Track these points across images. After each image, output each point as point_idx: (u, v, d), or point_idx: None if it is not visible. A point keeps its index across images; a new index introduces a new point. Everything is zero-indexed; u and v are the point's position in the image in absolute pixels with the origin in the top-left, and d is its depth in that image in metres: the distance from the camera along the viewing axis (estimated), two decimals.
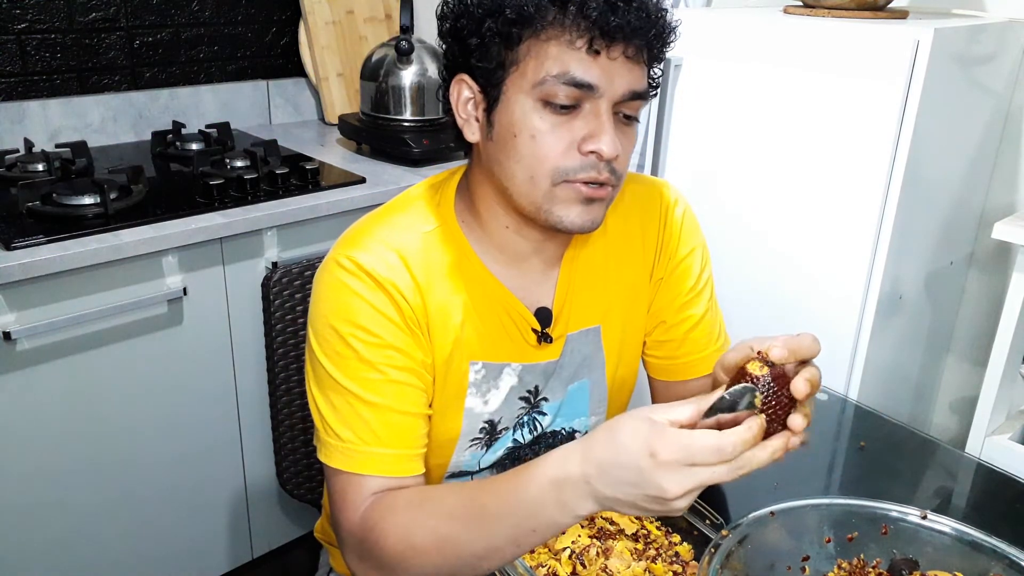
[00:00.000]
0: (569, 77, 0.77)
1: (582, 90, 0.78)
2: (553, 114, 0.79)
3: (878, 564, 0.84)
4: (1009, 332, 1.41)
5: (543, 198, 0.82)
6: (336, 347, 0.84)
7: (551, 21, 0.77)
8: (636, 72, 0.80)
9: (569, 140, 0.80)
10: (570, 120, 0.79)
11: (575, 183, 0.81)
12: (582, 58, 0.77)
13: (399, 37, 1.99)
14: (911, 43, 1.31)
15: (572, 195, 0.82)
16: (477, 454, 0.97)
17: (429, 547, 0.75)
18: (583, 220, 0.83)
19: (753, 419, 0.63)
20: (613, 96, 0.79)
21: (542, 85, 0.78)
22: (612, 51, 0.77)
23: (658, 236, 0.99)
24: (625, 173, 0.85)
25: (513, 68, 0.80)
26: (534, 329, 0.94)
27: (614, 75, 0.78)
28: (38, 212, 1.53)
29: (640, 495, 0.63)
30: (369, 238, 0.87)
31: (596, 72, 0.77)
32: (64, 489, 1.54)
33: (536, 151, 0.80)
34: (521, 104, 0.80)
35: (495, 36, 0.79)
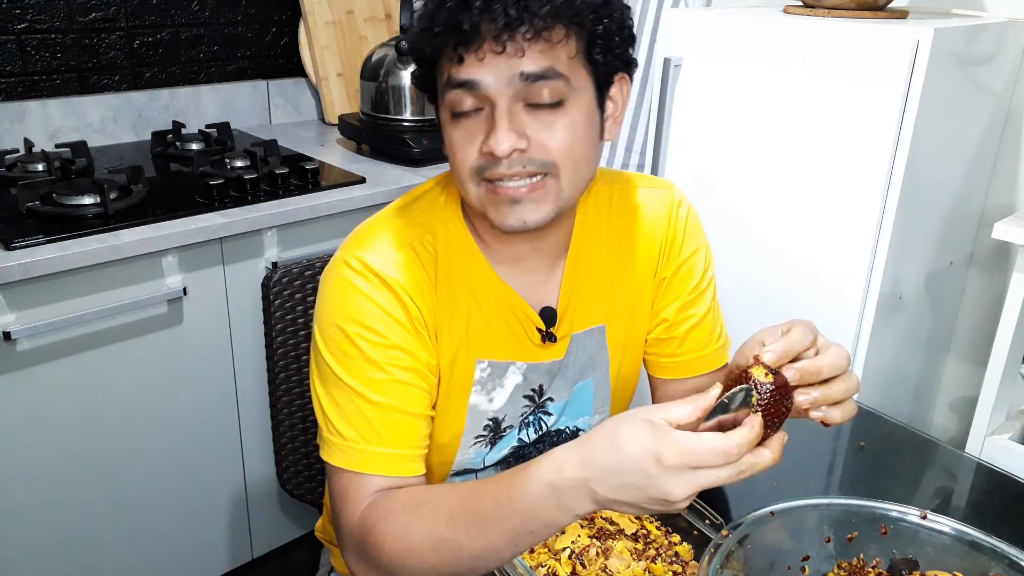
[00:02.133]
0: (451, 80, 0.79)
1: (467, 90, 0.78)
2: (458, 123, 0.81)
3: (878, 564, 0.84)
4: (1009, 332, 1.41)
5: (477, 201, 0.83)
6: (342, 346, 0.84)
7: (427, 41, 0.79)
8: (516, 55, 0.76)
9: (475, 144, 0.80)
10: (474, 124, 0.80)
11: (489, 182, 0.81)
12: (456, 66, 0.78)
13: (399, 37, 2.00)
14: (911, 43, 1.31)
15: (495, 197, 0.82)
16: (481, 452, 0.97)
17: (427, 549, 0.75)
18: (514, 219, 0.82)
19: (752, 418, 0.64)
20: (503, 90, 0.77)
21: (444, 96, 0.81)
22: (478, 53, 0.76)
23: (663, 236, 0.99)
24: (564, 162, 0.81)
25: (435, 86, 0.84)
26: (539, 328, 0.94)
27: (492, 70, 0.77)
28: (38, 212, 1.53)
29: (644, 497, 0.64)
30: (376, 238, 0.88)
31: (474, 70, 0.77)
32: (64, 489, 1.54)
33: (454, 160, 0.83)
34: (444, 119, 0.83)
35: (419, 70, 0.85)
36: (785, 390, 0.65)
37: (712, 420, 0.64)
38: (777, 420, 0.65)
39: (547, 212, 0.83)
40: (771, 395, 0.64)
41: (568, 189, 0.83)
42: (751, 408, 0.64)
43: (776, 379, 0.65)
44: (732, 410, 0.64)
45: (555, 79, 0.78)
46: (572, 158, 0.81)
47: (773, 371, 0.66)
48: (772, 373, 0.66)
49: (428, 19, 0.78)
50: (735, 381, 0.66)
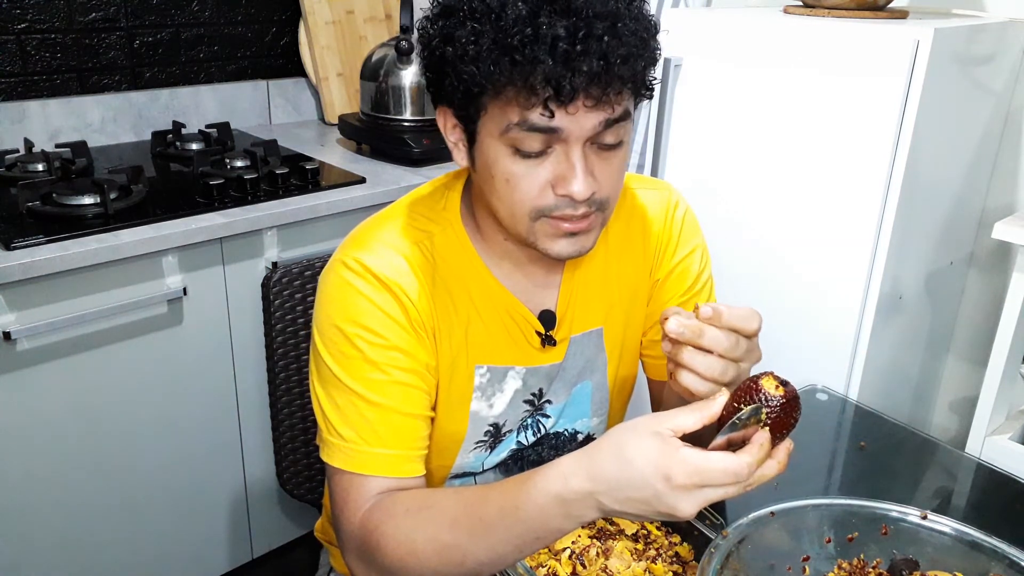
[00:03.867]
0: (530, 124, 0.75)
1: (546, 134, 0.75)
2: (523, 159, 0.77)
3: (878, 564, 0.84)
4: (1009, 332, 1.41)
5: (526, 232, 0.82)
6: (341, 347, 0.84)
7: (506, 83, 0.73)
8: (605, 109, 0.75)
9: (542, 182, 0.78)
10: (542, 162, 0.77)
11: (553, 219, 0.80)
12: (542, 111, 0.74)
13: (399, 37, 1.99)
14: (911, 43, 1.31)
15: (553, 230, 0.81)
16: (481, 456, 0.97)
17: (430, 554, 0.76)
18: (570, 251, 0.83)
19: (761, 434, 0.64)
20: (582, 135, 0.76)
21: (507, 132, 0.76)
22: (570, 107, 0.73)
23: (658, 237, 0.99)
24: (614, 196, 0.83)
25: (482, 113, 0.78)
26: (538, 332, 0.94)
27: (579, 119, 0.75)
28: (38, 212, 1.53)
29: (651, 511, 0.64)
30: (375, 240, 0.88)
31: (558, 119, 0.74)
32: (64, 489, 1.54)
33: (512, 194, 0.80)
34: (494, 148, 0.79)
35: (457, 89, 0.77)
36: (795, 402, 0.65)
37: (722, 438, 0.64)
38: (785, 432, 0.65)
39: (595, 240, 0.84)
40: (781, 408, 0.64)
41: (609, 217, 0.85)
42: (760, 423, 0.64)
43: (786, 392, 0.65)
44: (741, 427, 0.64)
45: (626, 121, 0.79)
46: (617, 192, 0.84)
47: (783, 382, 0.65)
48: (782, 385, 0.65)
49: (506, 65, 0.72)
50: (744, 391, 0.65)
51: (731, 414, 0.65)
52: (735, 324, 0.69)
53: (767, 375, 0.66)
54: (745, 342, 0.71)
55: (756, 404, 0.64)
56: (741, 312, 0.70)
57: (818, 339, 1.51)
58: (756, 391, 0.65)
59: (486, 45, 0.72)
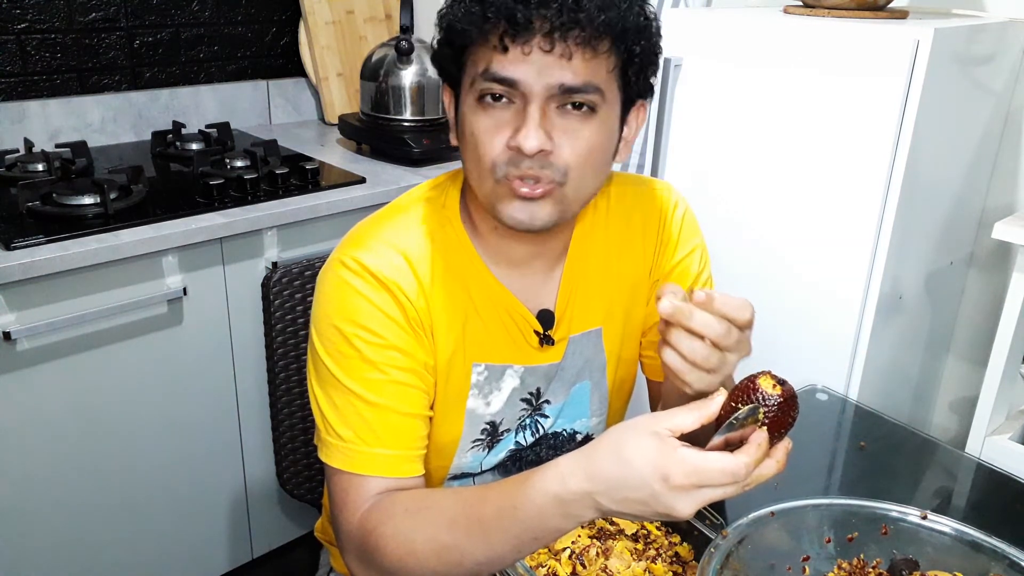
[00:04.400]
0: (489, 73, 0.77)
1: (504, 85, 0.77)
2: (486, 112, 0.79)
3: (878, 564, 0.84)
4: (1009, 332, 1.41)
5: (490, 195, 0.82)
6: (339, 347, 0.84)
7: (472, 23, 0.77)
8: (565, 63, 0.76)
9: (502, 137, 0.79)
10: (502, 116, 0.79)
11: (508, 181, 0.80)
12: (499, 56, 0.77)
13: (399, 37, 1.99)
14: (911, 43, 1.31)
15: (508, 192, 0.81)
16: (479, 456, 0.97)
17: (429, 554, 0.76)
18: (520, 216, 0.82)
19: (759, 434, 0.63)
20: (542, 92, 0.77)
21: (474, 85, 0.79)
22: (524, 46, 0.75)
23: (657, 237, 0.99)
24: (578, 169, 0.81)
25: (463, 73, 0.82)
26: (536, 331, 0.94)
27: (539, 71, 0.76)
28: (38, 212, 1.53)
29: (649, 511, 0.65)
30: (373, 239, 0.88)
31: (514, 66, 0.76)
32: (64, 489, 1.54)
33: (477, 148, 0.81)
34: (467, 106, 0.81)
35: (444, 48, 0.82)
36: (792, 401, 0.65)
37: (719, 438, 0.64)
38: (783, 431, 0.65)
39: (551, 214, 0.82)
40: (778, 408, 0.64)
41: (572, 198, 0.83)
42: (758, 422, 0.64)
43: (784, 391, 0.65)
44: (738, 427, 0.64)
45: (592, 93, 0.78)
46: (584, 169, 0.81)
47: (781, 381, 0.65)
48: (780, 384, 0.65)
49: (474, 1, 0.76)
50: (742, 390, 0.65)
51: (729, 414, 0.65)
52: (727, 312, 0.69)
53: (764, 374, 0.66)
54: (736, 332, 0.71)
55: (753, 404, 0.64)
56: (734, 301, 0.70)
57: (818, 339, 1.51)
58: (753, 391, 0.65)
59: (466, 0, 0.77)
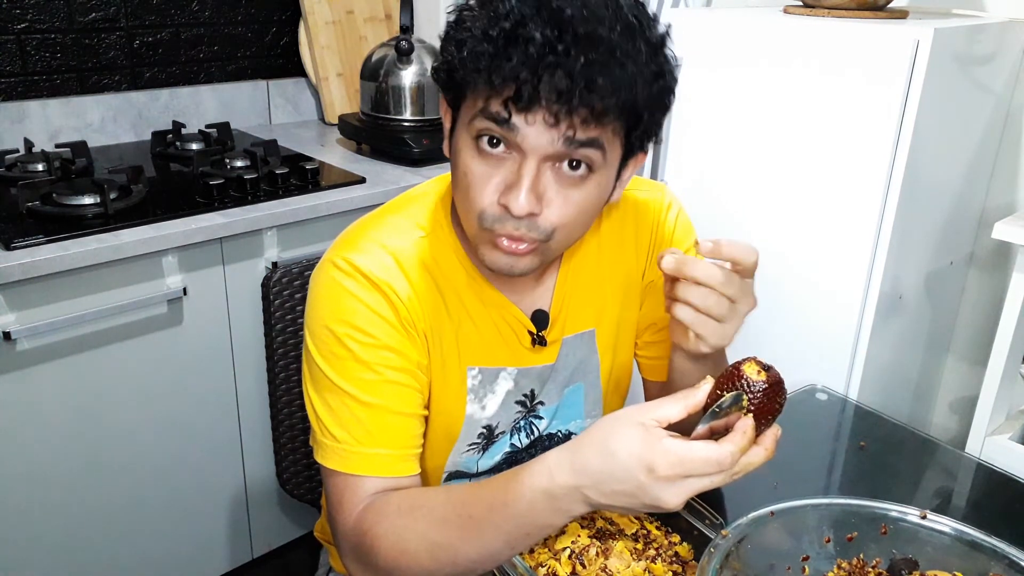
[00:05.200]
0: (489, 113, 0.74)
1: (503, 128, 0.74)
2: (483, 158, 0.76)
3: (878, 564, 0.84)
4: (1009, 332, 1.41)
5: (475, 236, 0.81)
6: (332, 348, 0.84)
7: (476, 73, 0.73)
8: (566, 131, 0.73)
9: (493, 187, 0.77)
10: (498, 167, 0.76)
11: (492, 234, 0.79)
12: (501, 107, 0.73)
13: (399, 37, 1.99)
14: (911, 43, 1.31)
15: (491, 241, 0.80)
16: (474, 458, 0.97)
17: (422, 553, 0.76)
18: (501, 264, 0.81)
19: (744, 421, 0.63)
20: (538, 152, 0.74)
21: (473, 121, 0.76)
22: (528, 116, 0.72)
23: (650, 239, 0.99)
24: (566, 229, 0.79)
25: (462, 100, 0.79)
26: (530, 332, 0.94)
27: (537, 133, 0.73)
28: (38, 212, 1.53)
29: (637, 503, 0.64)
30: (365, 240, 0.87)
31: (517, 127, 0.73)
32: (64, 489, 1.54)
33: (468, 191, 0.79)
34: (462, 138, 0.79)
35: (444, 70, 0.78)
36: (778, 387, 0.64)
37: (704, 427, 0.64)
38: (770, 417, 0.65)
39: (532, 264, 0.82)
40: (763, 394, 0.63)
41: (555, 250, 0.82)
42: (743, 409, 0.63)
43: (769, 376, 0.64)
44: (723, 414, 0.64)
45: (596, 149, 0.75)
46: (571, 229, 0.80)
47: (765, 367, 0.65)
48: (764, 370, 0.65)
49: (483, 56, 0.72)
50: (727, 378, 0.65)
51: (715, 402, 0.64)
52: (734, 255, 0.72)
53: (750, 360, 0.65)
54: (738, 280, 0.73)
55: (737, 391, 0.64)
56: (739, 244, 0.73)
57: (818, 339, 1.51)
58: (738, 377, 0.64)
59: (474, 32, 0.73)
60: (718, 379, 0.66)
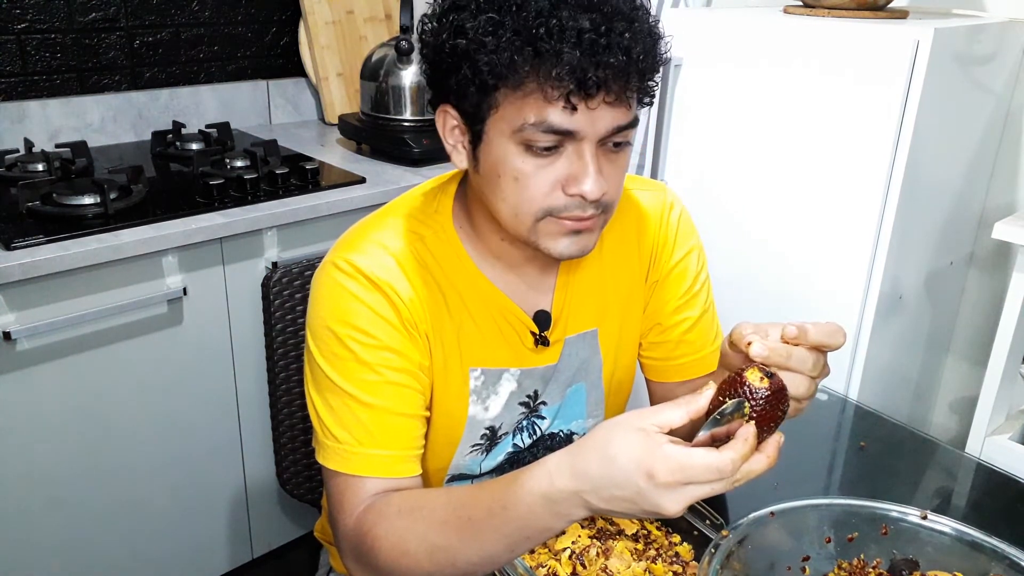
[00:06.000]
0: (547, 125, 0.75)
1: (562, 136, 0.76)
2: (535, 157, 0.77)
3: (878, 564, 0.84)
4: (1009, 332, 1.41)
5: (528, 232, 0.82)
6: (334, 349, 0.84)
7: (526, 75, 0.73)
8: (620, 109, 0.76)
9: (552, 181, 0.78)
10: (553, 161, 0.77)
11: (560, 219, 0.80)
12: (561, 110, 0.74)
13: (399, 37, 1.99)
14: (911, 43, 1.31)
15: (557, 229, 0.81)
16: (477, 459, 0.97)
17: (422, 555, 0.76)
18: (572, 250, 0.83)
19: (746, 429, 0.62)
20: (596, 136, 0.77)
21: (521, 131, 0.76)
22: (591, 102, 0.74)
23: (653, 239, 0.99)
24: (617, 198, 0.84)
25: (493, 111, 0.77)
26: (532, 332, 0.94)
27: (595, 119, 0.76)
28: (38, 212, 1.53)
29: (636, 509, 0.64)
30: (366, 241, 0.87)
31: (576, 120, 0.75)
32: (64, 489, 1.54)
33: (520, 192, 0.79)
34: (503, 147, 0.78)
35: (470, 83, 0.76)
36: (781, 394, 0.64)
37: (705, 434, 0.63)
38: (773, 424, 0.64)
39: (596, 240, 0.85)
40: (766, 401, 0.63)
41: (610, 219, 0.86)
42: (744, 416, 0.63)
43: (771, 383, 0.63)
44: (725, 421, 0.63)
45: (634, 127, 0.80)
46: (620, 193, 0.85)
47: (768, 374, 0.64)
48: (767, 377, 0.64)
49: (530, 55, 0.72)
50: (729, 384, 0.64)
51: (716, 407, 0.64)
52: (822, 341, 0.70)
53: (752, 367, 0.65)
54: (823, 357, 0.71)
55: (740, 398, 0.63)
56: (827, 328, 0.71)
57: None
58: (740, 384, 0.63)
59: (507, 36, 0.72)
60: (720, 385, 0.65)
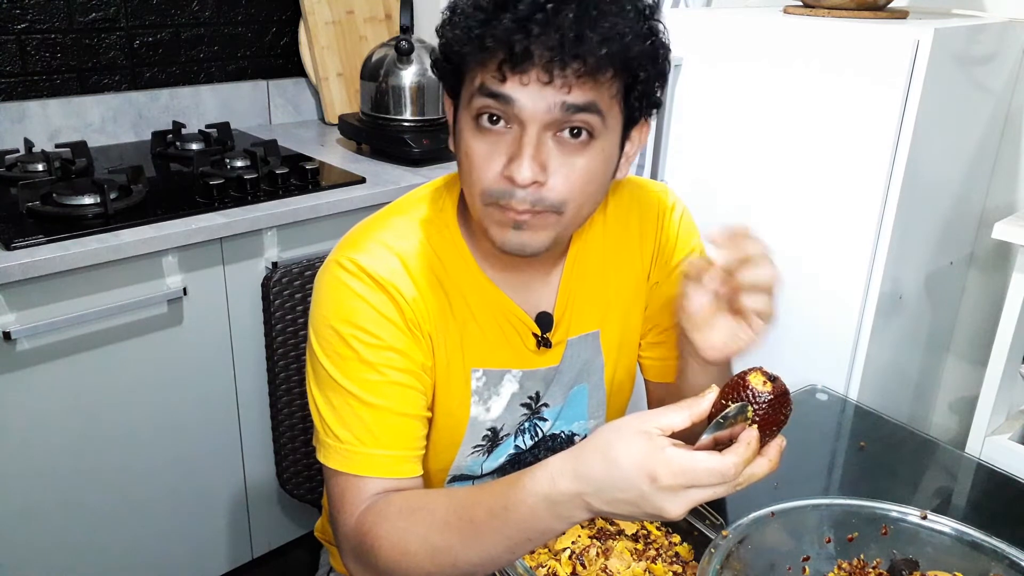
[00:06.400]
0: (485, 88, 0.76)
1: (501, 103, 0.75)
2: (483, 134, 0.78)
3: (878, 564, 0.84)
4: (1009, 332, 1.41)
5: (482, 217, 0.82)
6: (337, 348, 0.84)
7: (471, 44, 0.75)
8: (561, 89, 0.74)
9: (496, 163, 0.78)
10: (499, 141, 0.77)
11: (500, 207, 0.79)
12: (492, 75, 0.75)
13: (399, 37, 1.99)
14: (911, 43, 1.31)
15: (500, 217, 0.80)
16: (479, 460, 0.97)
17: (423, 555, 0.76)
18: (513, 243, 0.81)
19: (748, 433, 0.62)
20: (539, 119, 0.75)
21: (472, 101, 0.78)
22: (523, 76, 0.73)
23: (654, 240, 0.99)
24: (575, 201, 0.80)
25: (462, 87, 0.81)
26: (534, 334, 0.94)
27: (534, 96, 0.74)
28: (38, 212, 1.53)
29: (639, 512, 0.64)
30: (370, 240, 0.87)
31: (510, 87, 0.74)
32: (64, 489, 1.54)
33: (471, 170, 0.80)
34: (463, 121, 0.80)
35: (443, 61, 0.81)
36: (784, 398, 0.63)
37: (708, 437, 0.63)
38: (775, 428, 0.64)
39: (545, 241, 0.82)
40: (769, 405, 0.63)
41: (568, 225, 0.82)
42: (747, 420, 0.63)
43: (774, 387, 0.63)
44: (728, 425, 0.63)
45: (594, 113, 0.76)
46: (580, 199, 0.80)
47: (771, 377, 0.64)
48: (770, 380, 0.64)
49: (475, 25, 0.74)
50: (732, 387, 0.64)
51: (719, 411, 0.64)
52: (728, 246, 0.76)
53: (755, 370, 0.65)
54: None
55: (743, 402, 0.63)
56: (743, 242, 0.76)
57: (818, 339, 1.51)
58: (743, 388, 0.63)
59: (468, 10, 0.75)
60: (723, 389, 0.65)
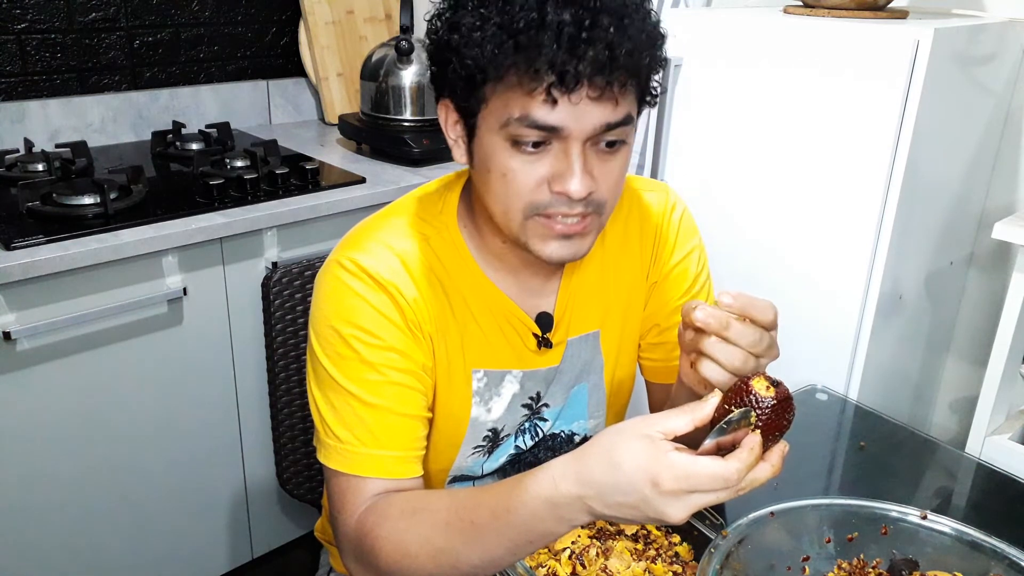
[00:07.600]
0: (531, 120, 0.75)
1: (546, 131, 0.75)
2: (522, 153, 0.77)
3: (878, 564, 0.84)
4: (1009, 332, 1.41)
5: (518, 230, 0.82)
6: (337, 348, 0.84)
7: (509, 68, 0.74)
8: (607, 106, 0.75)
9: (539, 177, 0.78)
10: (540, 157, 0.77)
11: (546, 218, 0.80)
12: (541, 103, 0.74)
13: (399, 37, 1.99)
14: (911, 43, 1.31)
15: (545, 230, 0.80)
16: (479, 460, 0.97)
17: (424, 556, 0.76)
18: (562, 253, 0.82)
19: (751, 438, 0.62)
20: (583, 134, 0.76)
21: (507, 127, 0.76)
22: (573, 96, 0.73)
23: (654, 239, 0.99)
24: (612, 200, 0.82)
25: (483, 105, 0.78)
26: (535, 334, 0.94)
27: (580, 115, 0.75)
28: (38, 212, 1.53)
29: (640, 515, 0.64)
30: (371, 240, 0.87)
31: (559, 115, 0.74)
32: (64, 489, 1.54)
33: (507, 189, 0.79)
34: (492, 142, 0.79)
35: (460, 77, 0.77)
36: (787, 403, 0.64)
37: (711, 442, 0.63)
38: (778, 433, 0.64)
39: (590, 245, 0.84)
40: (772, 410, 0.63)
41: (605, 223, 0.85)
42: (751, 425, 0.63)
43: (778, 392, 0.64)
44: (731, 430, 0.63)
45: (628, 125, 0.79)
46: (615, 199, 0.83)
47: (774, 383, 0.64)
48: (773, 385, 0.64)
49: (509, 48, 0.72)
50: (735, 392, 0.64)
51: (722, 416, 0.64)
52: (751, 314, 0.70)
53: (758, 376, 0.65)
54: (767, 337, 0.71)
55: (746, 407, 0.63)
56: (758, 303, 0.71)
57: (818, 339, 1.51)
58: (747, 393, 0.63)
59: (491, 30, 0.73)
60: (726, 394, 0.65)
